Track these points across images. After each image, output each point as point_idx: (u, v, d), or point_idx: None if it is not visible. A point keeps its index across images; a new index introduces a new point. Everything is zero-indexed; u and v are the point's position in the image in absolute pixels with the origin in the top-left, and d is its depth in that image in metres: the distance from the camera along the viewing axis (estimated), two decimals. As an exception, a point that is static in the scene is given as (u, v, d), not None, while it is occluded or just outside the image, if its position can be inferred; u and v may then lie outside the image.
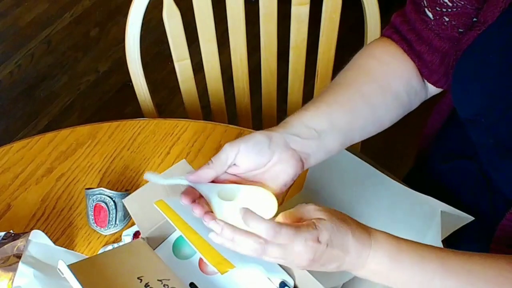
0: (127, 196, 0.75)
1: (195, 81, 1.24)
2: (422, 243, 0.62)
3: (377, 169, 0.83)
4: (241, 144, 0.64)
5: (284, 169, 0.67)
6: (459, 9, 0.72)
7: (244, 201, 0.64)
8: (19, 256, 0.74)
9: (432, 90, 0.82)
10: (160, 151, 1.00)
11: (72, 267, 0.65)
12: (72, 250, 0.85)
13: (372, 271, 0.62)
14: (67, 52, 2.33)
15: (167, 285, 0.70)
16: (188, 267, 0.79)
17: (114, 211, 0.88)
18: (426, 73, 0.79)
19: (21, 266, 0.71)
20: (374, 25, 1.12)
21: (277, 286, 0.76)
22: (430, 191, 0.77)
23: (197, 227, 0.65)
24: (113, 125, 1.05)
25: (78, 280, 0.64)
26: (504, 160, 0.73)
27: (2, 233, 0.81)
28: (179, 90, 1.25)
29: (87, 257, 0.76)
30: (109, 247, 0.87)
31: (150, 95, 1.21)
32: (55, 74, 2.24)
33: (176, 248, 0.81)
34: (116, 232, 0.90)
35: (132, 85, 1.20)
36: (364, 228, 0.62)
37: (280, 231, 0.57)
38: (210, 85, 1.26)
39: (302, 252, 0.58)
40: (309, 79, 1.26)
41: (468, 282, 0.60)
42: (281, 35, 1.21)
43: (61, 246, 0.82)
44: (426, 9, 0.75)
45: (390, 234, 0.62)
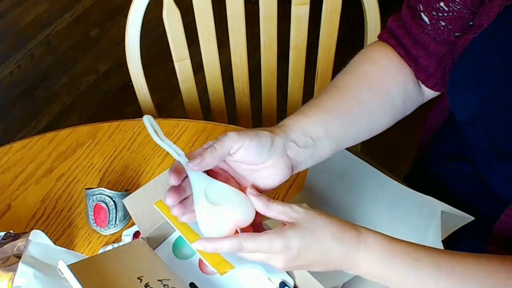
0: (127, 196, 0.75)
1: (195, 81, 1.24)
2: (416, 244, 0.62)
3: (377, 169, 0.83)
4: (246, 140, 0.63)
5: (275, 174, 0.67)
6: (456, 13, 0.72)
7: (228, 205, 0.64)
8: (19, 256, 0.74)
9: (429, 94, 0.82)
10: (160, 151, 1.00)
11: (72, 267, 0.65)
12: (72, 250, 0.85)
13: (364, 272, 0.62)
14: (67, 52, 2.32)
15: (167, 285, 0.70)
16: (188, 267, 0.79)
17: (114, 211, 0.88)
18: (423, 78, 0.78)
19: (21, 266, 0.71)
20: (374, 25, 1.12)
21: (277, 286, 0.76)
22: (428, 192, 0.77)
23: (196, 228, 0.65)
24: (113, 125, 1.05)
25: (78, 280, 0.64)
26: (500, 163, 0.73)
27: (2, 233, 0.81)
28: (179, 90, 1.25)
29: (87, 257, 0.76)
30: (109, 247, 0.87)
31: (150, 95, 1.21)
32: (55, 74, 2.24)
33: (176, 248, 0.81)
34: (116, 232, 0.90)
35: (132, 85, 1.20)
36: (353, 230, 0.61)
37: (242, 246, 0.59)
38: (210, 85, 1.26)
39: (272, 259, 0.60)
40: (309, 79, 1.26)
41: (462, 283, 0.60)
42: (281, 35, 1.21)
43: (61, 246, 0.81)
44: (422, 14, 0.75)
45: (383, 235, 0.62)
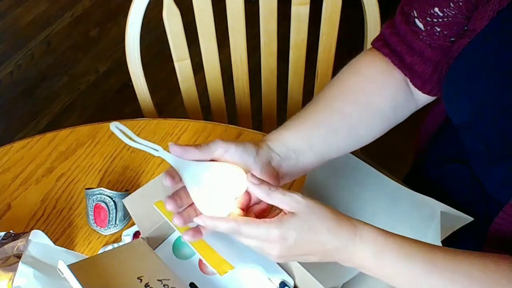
0: (127, 196, 0.75)
1: (195, 81, 1.24)
2: (412, 239, 0.62)
3: (377, 170, 0.83)
4: (232, 146, 0.65)
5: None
6: (450, 19, 0.72)
7: (217, 178, 0.64)
8: (19, 256, 0.74)
9: (425, 100, 0.82)
10: (160, 151, 1.00)
11: (72, 267, 0.65)
12: (72, 250, 0.85)
13: (358, 265, 0.62)
14: (67, 52, 2.32)
15: (167, 285, 0.70)
16: (188, 267, 0.79)
17: (114, 211, 0.88)
18: (419, 84, 0.78)
19: (21, 266, 0.71)
20: (374, 25, 1.12)
21: (277, 286, 0.76)
22: (426, 194, 0.77)
23: (197, 227, 0.65)
24: (113, 125, 1.05)
25: (78, 280, 0.64)
26: (494, 166, 0.73)
27: (2, 233, 0.81)
28: (179, 90, 1.25)
29: (87, 257, 0.76)
30: (109, 247, 0.87)
31: (150, 95, 1.21)
32: (55, 74, 2.24)
33: (176, 248, 0.81)
34: (116, 232, 0.90)
35: (132, 85, 1.20)
36: (349, 224, 0.62)
37: (239, 229, 0.60)
38: (210, 85, 1.26)
39: (268, 247, 0.60)
40: (309, 79, 1.26)
41: (453, 279, 0.60)
42: (281, 35, 1.21)
43: (61, 246, 0.82)
44: (417, 20, 0.75)
45: (379, 229, 0.62)
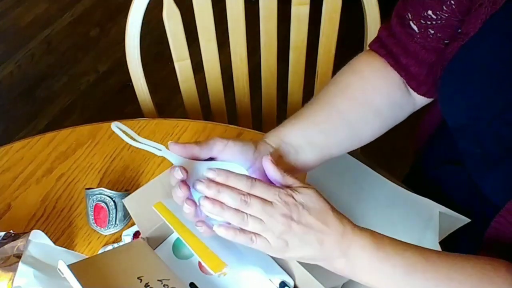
0: (127, 196, 0.75)
1: (195, 81, 1.24)
2: (404, 250, 0.62)
3: (376, 171, 0.83)
4: (230, 141, 0.66)
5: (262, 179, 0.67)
6: (444, 21, 0.72)
7: None
8: (19, 256, 0.74)
9: (422, 101, 0.82)
10: (160, 151, 1.00)
11: (72, 267, 0.65)
12: (72, 250, 0.85)
13: (353, 259, 0.61)
14: (67, 52, 2.32)
15: (167, 285, 0.70)
16: (188, 267, 0.79)
17: (114, 211, 0.88)
18: (415, 85, 0.79)
19: (21, 266, 0.71)
20: (374, 25, 1.12)
21: (277, 286, 0.76)
22: (425, 195, 0.77)
23: (195, 229, 0.65)
24: (113, 125, 1.05)
25: (78, 280, 0.64)
26: (490, 170, 0.73)
27: (2, 233, 0.81)
28: (179, 90, 1.25)
29: (87, 257, 0.76)
30: (109, 247, 0.87)
31: (150, 95, 1.21)
32: (55, 74, 2.24)
33: (176, 248, 0.81)
34: (116, 232, 0.90)
35: (132, 85, 1.20)
36: (346, 218, 0.63)
37: (255, 183, 0.61)
38: (210, 85, 1.26)
39: (277, 208, 0.60)
40: (309, 79, 1.26)
41: (449, 277, 0.61)
42: (281, 35, 1.21)
43: (61, 246, 0.82)
44: (411, 22, 0.76)
45: (372, 240, 0.62)
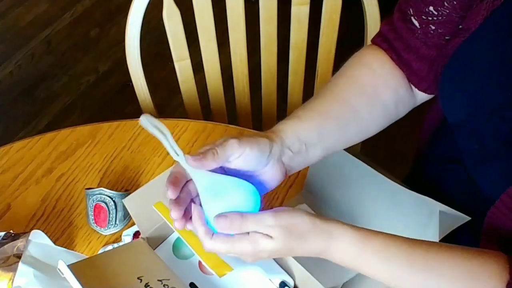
0: (127, 196, 0.75)
1: (195, 81, 1.24)
2: (392, 239, 0.63)
3: (376, 170, 0.83)
4: (247, 149, 0.63)
5: (269, 179, 0.67)
6: (445, 17, 0.72)
7: (233, 194, 0.63)
8: (19, 256, 0.74)
9: (422, 97, 0.82)
10: (160, 151, 1.00)
11: (72, 267, 0.65)
12: (72, 250, 0.85)
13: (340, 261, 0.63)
14: (67, 52, 2.32)
15: (167, 285, 0.70)
16: (188, 267, 0.79)
17: (114, 211, 0.88)
18: (415, 81, 0.79)
19: (21, 266, 0.71)
20: (374, 25, 1.12)
21: (277, 286, 0.76)
22: (426, 194, 0.77)
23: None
24: (113, 125, 1.05)
25: (78, 280, 0.64)
26: (487, 164, 0.73)
27: (2, 233, 0.81)
28: (179, 90, 1.25)
29: (87, 257, 0.76)
30: (109, 247, 0.87)
31: (150, 95, 1.21)
32: (55, 74, 2.24)
33: (176, 248, 0.81)
34: (116, 232, 0.90)
35: (132, 85, 1.20)
36: (325, 235, 0.62)
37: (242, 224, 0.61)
38: (210, 85, 1.26)
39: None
40: (309, 79, 1.26)
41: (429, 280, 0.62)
42: (281, 35, 1.21)
43: (61, 246, 0.82)
44: (412, 18, 0.76)
45: (357, 235, 0.62)
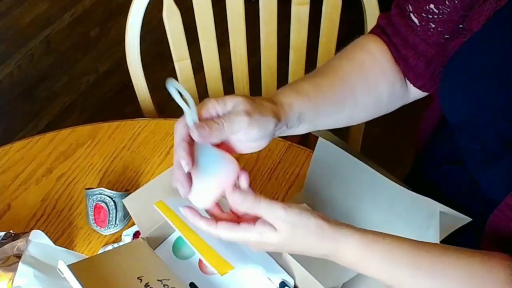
0: (127, 196, 0.75)
1: (195, 81, 1.24)
2: (399, 241, 0.63)
3: (376, 170, 0.83)
4: (255, 129, 0.64)
5: (254, 147, 0.67)
6: (445, 16, 0.72)
7: (211, 164, 0.64)
8: (19, 256, 0.74)
9: (416, 94, 0.82)
10: (160, 151, 1.00)
11: (72, 267, 0.65)
12: (72, 250, 0.85)
13: (347, 264, 0.63)
14: (67, 52, 2.32)
15: (167, 285, 0.70)
16: (188, 267, 0.79)
17: (114, 211, 0.88)
18: (412, 77, 0.79)
19: (21, 266, 0.71)
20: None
21: (277, 286, 0.76)
22: (426, 195, 0.77)
23: (196, 227, 0.65)
24: (113, 125, 1.05)
25: (78, 280, 0.64)
26: (489, 166, 0.73)
27: (2, 233, 0.81)
28: (179, 90, 1.25)
29: (87, 257, 0.76)
30: (109, 247, 0.87)
31: (150, 95, 1.21)
32: (55, 74, 2.24)
33: (176, 248, 0.81)
34: (116, 232, 0.90)
35: (132, 85, 1.20)
36: (332, 241, 0.62)
37: (217, 232, 0.62)
38: (210, 85, 1.26)
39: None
40: (309, 79, 1.26)
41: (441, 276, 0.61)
42: (281, 35, 1.21)
43: (61, 246, 0.82)
44: (412, 15, 0.75)
45: (363, 238, 0.62)
